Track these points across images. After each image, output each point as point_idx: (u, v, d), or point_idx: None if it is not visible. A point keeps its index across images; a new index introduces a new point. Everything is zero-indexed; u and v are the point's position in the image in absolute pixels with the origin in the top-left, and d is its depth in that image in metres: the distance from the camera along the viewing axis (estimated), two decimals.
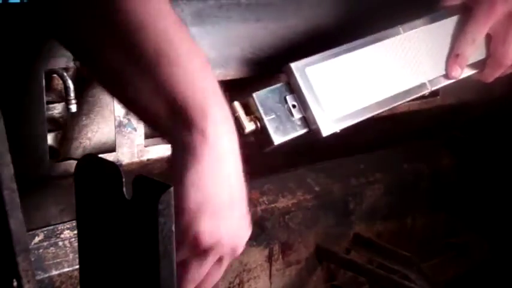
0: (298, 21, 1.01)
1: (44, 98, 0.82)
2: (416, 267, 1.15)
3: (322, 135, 0.89)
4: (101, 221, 0.68)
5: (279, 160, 1.12)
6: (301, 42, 1.01)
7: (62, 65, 0.83)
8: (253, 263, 1.09)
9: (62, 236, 0.91)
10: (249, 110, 0.87)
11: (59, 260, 0.90)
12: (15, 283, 0.66)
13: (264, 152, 0.89)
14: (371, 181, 1.23)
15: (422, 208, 1.29)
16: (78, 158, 0.80)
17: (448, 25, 1.03)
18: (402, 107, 1.15)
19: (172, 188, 0.61)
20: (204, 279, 0.75)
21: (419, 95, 0.99)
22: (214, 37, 0.93)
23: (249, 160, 1.04)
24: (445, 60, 1.02)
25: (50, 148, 0.85)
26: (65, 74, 0.85)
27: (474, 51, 1.04)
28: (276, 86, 0.89)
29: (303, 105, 0.89)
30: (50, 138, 0.86)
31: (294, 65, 0.89)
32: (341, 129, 0.91)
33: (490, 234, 1.32)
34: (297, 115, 0.89)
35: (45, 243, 0.89)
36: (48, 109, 0.85)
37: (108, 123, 0.91)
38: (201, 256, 0.72)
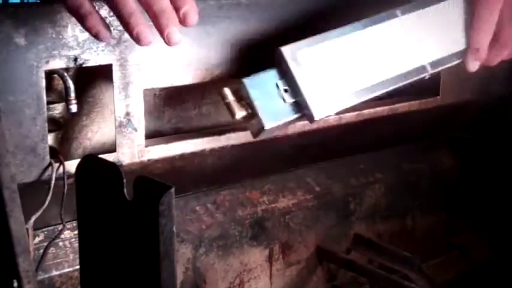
0: (299, 22, 1.00)
1: (44, 98, 0.82)
2: (417, 267, 1.14)
3: (314, 119, 0.88)
4: (101, 221, 0.68)
5: (279, 160, 1.12)
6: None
7: (62, 65, 0.83)
8: (253, 263, 1.08)
9: (62, 237, 0.90)
10: (240, 96, 0.87)
11: (59, 261, 0.90)
12: (16, 284, 0.66)
13: (256, 137, 0.88)
14: (371, 181, 1.23)
15: (423, 208, 1.29)
16: (78, 158, 0.80)
17: (450, 6, 1.00)
18: (402, 107, 1.15)
19: (173, 189, 0.61)
20: None
21: (418, 77, 0.96)
22: (215, 37, 0.93)
23: (249, 160, 1.04)
24: (448, 41, 0.98)
25: (50, 148, 0.85)
26: (65, 74, 0.85)
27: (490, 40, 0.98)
28: (267, 71, 0.88)
29: (294, 89, 0.88)
30: (50, 139, 0.86)
31: (285, 48, 0.87)
32: (335, 113, 0.89)
33: (491, 234, 1.32)
34: (288, 100, 0.88)
35: (45, 244, 0.89)
36: (48, 109, 0.85)
37: (108, 124, 0.91)
38: None
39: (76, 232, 0.88)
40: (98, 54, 0.84)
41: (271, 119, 0.87)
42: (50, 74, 0.85)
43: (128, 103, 0.88)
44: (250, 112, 0.86)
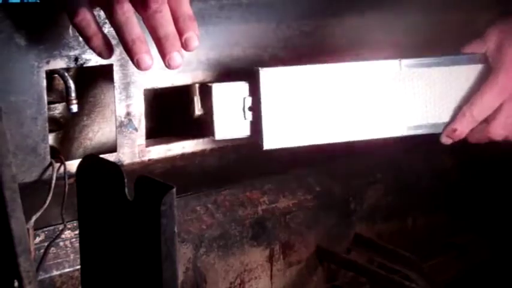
0: (299, 22, 1.00)
1: (45, 98, 0.82)
2: (417, 267, 1.14)
3: (262, 147, 0.89)
4: (102, 221, 0.68)
5: (280, 160, 1.12)
6: (302, 42, 1.01)
7: (63, 65, 0.83)
8: (254, 263, 1.08)
9: (63, 236, 0.90)
10: (206, 96, 0.87)
11: (60, 261, 0.90)
12: (17, 284, 0.66)
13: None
14: (372, 181, 1.23)
15: (423, 208, 1.29)
16: (79, 158, 0.80)
17: (457, 74, 0.97)
18: None
19: (174, 189, 0.61)
20: None
21: (390, 136, 0.96)
22: (216, 37, 0.93)
23: (249, 160, 1.04)
24: (436, 110, 0.96)
25: (51, 148, 0.85)
26: (66, 74, 0.85)
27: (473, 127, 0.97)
28: (239, 83, 0.89)
29: (257, 111, 0.89)
30: (50, 138, 0.86)
31: (263, 71, 0.88)
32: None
33: (491, 234, 1.32)
34: (248, 118, 0.89)
35: (46, 244, 0.89)
36: (49, 109, 0.85)
37: (109, 124, 0.91)
38: None
39: (77, 232, 0.88)
40: None
41: (224, 132, 0.89)
42: (51, 74, 0.85)
43: (129, 103, 0.88)
44: (209, 115, 0.88)
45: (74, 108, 0.86)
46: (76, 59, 0.83)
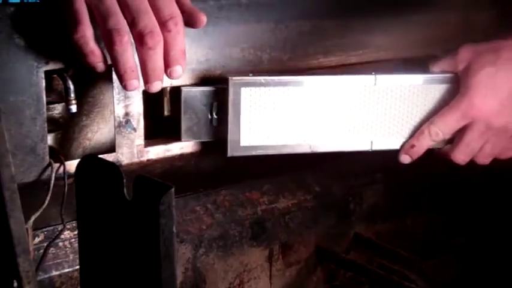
0: (299, 22, 1.00)
1: (44, 98, 0.82)
2: (417, 267, 1.14)
3: (226, 154, 0.91)
4: (101, 221, 0.68)
5: (279, 160, 1.12)
6: (302, 42, 1.01)
7: (62, 65, 0.83)
8: (253, 264, 1.08)
9: (62, 237, 0.90)
10: (175, 98, 0.89)
11: (59, 261, 0.90)
12: (16, 284, 0.66)
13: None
14: (371, 181, 1.23)
15: (423, 208, 1.29)
16: (78, 158, 0.80)
17: (428, 93, 0.96)
18: None
19: (173, 189, 0.61)
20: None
21: (356, 150, 0.96)
22: (215, 37, 0.93)
23: (248, 161, 1.04)
24: (405, 126, 0.97)
25: (50, 148, 0.85)
26: (65, 74, 0.85)
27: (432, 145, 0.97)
28: (209, 89, 0.91)
29: (223, 118, 0.90)
30: (50, 139, 0.86)
31: (233, 80, 0.89)
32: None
33: (490, 234, 1.32)
34: (215, 123, 0.91)
35: (45, 244, 0.89)
36: (48, 109, 0.85)
37: (107, 124, 0.91)
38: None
39: (76, 232, 0.88)
40: None
41: (189, 135, 0.91)
42: (50, 74, 0.85)
43: (127, 103, 0.88)
44: (176, 118, 0.89)
45: (73, 108, 0.86)
46: (76, 59, 0.83)
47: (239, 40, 0.96)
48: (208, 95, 0.91)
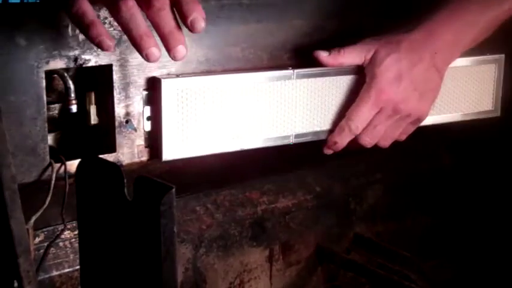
0: (299, 22, 1.00)
1: (45, 98, 0.82)
2: (417, 267, 1.14)
3: (161, 159, 0.88)
4: (102, 222, 0.68)
5: (279, 160, 1.12)
6: (302, 42, 1.01)
7: (63, 65, 0.83)
8: (253, 264, 1.08)
9: (62, 237, 0.90)
10: (103, 104, 0.87)
11: (59, 261, 0.90)
12: (16, 284, 0.66)
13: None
14: (371, 181, 1.23)
15: (423, 208, 1.29)
16: (78, 158, 0.80)
17: (339, 84, 1.00)
18: None
19: (174, 189, 0.61)
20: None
21: (280, 144, 0.98)
22: (215, 37, 0.93)
23: (249, 161, 1.04)
24: (322, 118, 0.99)
25: (50, 148, 0.85)
26: (65, 74, 0.85)
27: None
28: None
29: (156, 121, 0.88)
30: (50, 138, 0.86)
31: (165, 81, 0.87)
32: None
33: (490, 234, 1.32)
34: (147, 128, 0.89)
35: (45, 244, 0.89)
36: (48, 109, 0.85)
37: (108, 124, 0.91)
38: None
39: (76, 232, 0.88)
40: (98, 55, 0.84)
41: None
42: (50, 74, 0.85)
43: (128, 103, 0.88)
44: (106, 126, 0.86)
45: (74, 108, 0.86)
46: (75, 59, 0.83)
47: (240, 40, 0.96)
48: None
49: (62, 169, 0.84)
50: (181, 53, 0.75)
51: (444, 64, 1.02)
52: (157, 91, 0.87)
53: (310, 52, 1.01)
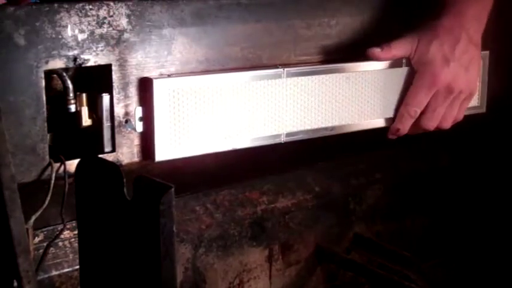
0: (299, 22, 1.00)
1: (44, 98, 0.82)
2: (417, 267, 1.14)
3: (154, 159, 0.88)
4: (101, 221, 0.68)
5: (279, 160, 1.12)
6: (301, 42, 1.01)
7: (62, 65, 0.83)
8: (253, 263, 1.08)
9: (62, 236, 0.90)
10: (94, 106, 0.86)
11: (59, 261, 0.90)
12: (16, 283, 0.66)
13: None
14: (371, 181, 1.23)
15: (423, 208, 1.29)
16: (78, 158, 0.80)
17: (326, 83, 1.01)
18: None
19: (173, 189, 0.61)
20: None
21: (272, 143, 0.98)
22: (214, 37, 0.93)
23: (248, 160, 1.04)
24: (313, 116, 1.00)
25: (50, 148, 0.85)
26: (63, 74, 0.85)
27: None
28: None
29: (148, 122, 0.87)
30: (50, 138, 0.86)
31: (157, 81, 0.87)
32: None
33: (490, 234, 1.32)
34: (139, 129, 0.88)
35: (45, 244, 0.89)
36: (48, 109, 0.85)
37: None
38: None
39: (76, 232, 0.88)
40: (97, 54, 0.84)
41: (113, 144, 0.87)
42: (49, 74, 0.85)
43: (127, 103, 0.88)
44: (97, 127, 0.86)
45: (72, 108, 0.86)
46: (75, 59, 0.83)
47: (239, 40, 0.96)
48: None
49: (62, 169, 0.84)
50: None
51: (478, 37, 1.11)
52: (149, 91, 0.87)
53: (310, 52, 1.01)
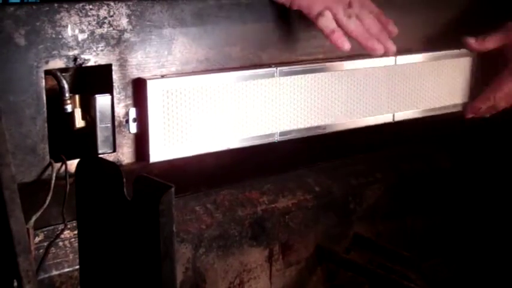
0: (298, 22, 1.00)
1: (44, 98, 0.82)
2: (416, 267, 1.15)
3: (148, 161, 0.88)
4: (101, 221, 0.68)
5: (279, 160, 1.12)
6: (301, 42, 1.01)
7: (62, 65, 0.83)
8: (253, 263, 1.08)
9: (62, 236, 0.90)
10: (88, 108, 0.86)
11: (59, 260, 0.90)
12: (16, 283, 0.66)
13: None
14: (371, 181, 1.23)
15: (422, 208, 1.29)
16: (78, 158, 0.80)
17: (319, 81, 1.01)
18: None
19: (173, 189, 0.61)
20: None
21: (265, 142, 0.98)
22: (215, 37, 0.93)
23: (248, 160, 1.04)
24: (307, 115, 1.00)
25: (50, 148, 0.85)
26: (58, 74, 0.84)
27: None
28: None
29: (142, 123, 0.87)
30: (49, 138, 0.86)
31: (151, 81, 0.86)
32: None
33: (490, 234, 1.32)
34: (133, 130, 0.88)
35: (45, 243, 0.89)
36: (48, 109, 0.85)
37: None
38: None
39: (76, 232, 0.88)
40: (98, 54, 0.84)
41: (107, 146, 0.87)
42: (48, 75, 0.85)
43: (128, 103, 0.88)
44: (91, 128, 0.86)
45: (68, 108, 0.86)
46: (75, 59, 0.83)
47: (239, 39, 0.96)
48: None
49: (62, 169, 0.84)
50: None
51: None
52: (143, 92, 0.87)
53: (309, 51, 1.01)
